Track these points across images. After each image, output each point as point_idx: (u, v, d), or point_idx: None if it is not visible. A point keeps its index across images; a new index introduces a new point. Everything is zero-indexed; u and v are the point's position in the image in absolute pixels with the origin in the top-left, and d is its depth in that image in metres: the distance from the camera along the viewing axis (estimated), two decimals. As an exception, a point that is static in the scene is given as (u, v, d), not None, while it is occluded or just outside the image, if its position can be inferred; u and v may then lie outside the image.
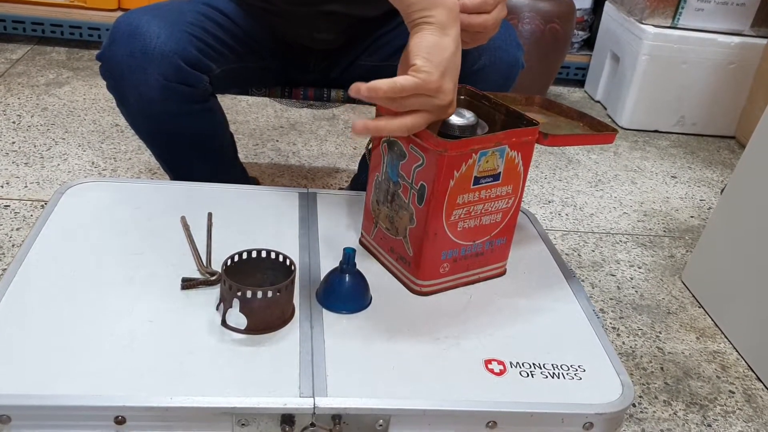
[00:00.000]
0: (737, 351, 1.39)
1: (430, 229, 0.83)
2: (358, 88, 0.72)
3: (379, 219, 0.91)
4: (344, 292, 0.82)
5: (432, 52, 0.72)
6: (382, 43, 1.22)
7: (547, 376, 0.77)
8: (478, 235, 0.87)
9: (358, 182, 1.50)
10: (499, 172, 0.82)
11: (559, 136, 0.86)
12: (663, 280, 1.61)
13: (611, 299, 1.50)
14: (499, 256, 0.91)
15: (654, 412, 1.20)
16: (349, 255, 0.82)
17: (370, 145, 0.89)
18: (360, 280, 0.84)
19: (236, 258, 0.80)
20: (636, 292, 1.54)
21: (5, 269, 0.85)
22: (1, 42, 2.50)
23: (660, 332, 1.42)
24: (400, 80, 0.72)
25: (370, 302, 0.85)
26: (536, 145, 0.85)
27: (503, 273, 0.93)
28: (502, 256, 0.92)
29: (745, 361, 1.36)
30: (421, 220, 0.83)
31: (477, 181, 0.81)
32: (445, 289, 0.89)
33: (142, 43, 0.98)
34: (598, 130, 0.90)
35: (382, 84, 0.72)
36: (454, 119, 0.82)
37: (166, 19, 1.01)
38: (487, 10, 0.82)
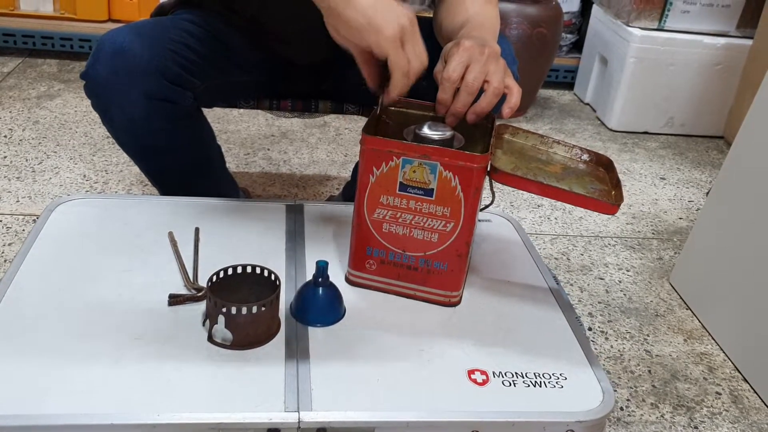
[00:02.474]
0: (724, 352, 1.40)
1: (354, 217, 0.87)
2: None
3: None
4: (316, 305, 0.84)
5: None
6: None
7: (529, 385, 0.78)
8: (409, 247, 0.87)
9: (351, 189, 1.51)
10: (432, 188, 0.82)
11: (510, 175, 0.82)
12: (651, 282, 1.62)
13: (600, 303, 1.52)
14: (442, 282, 0.89)
15: (641, 415, 1.22)
16: (322, 268, 0.83)
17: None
18: (332, 293, 0.85)
19: (221, 274, 0.81)
20: (624, 295, 1.56)
21: (-5, 288, 0.86)
22: (-8, 55, 2.51)
23: (648, 335, 1.43)
24: None
25: (344, 314, 0.86)
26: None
27: (454, 304, 0.91)
28: (449, 284, 0.89)
29: (732, 363, 1.37)
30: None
31: (404, 187, 0.83)
32: (373, 288, 0.91)
33: (124, 61, 0.99)
34: (601, 198, 0.85)
35: None
36: (428, 131, 0.84)
37: (149, 37, 1.02)
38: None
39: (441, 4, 1.11)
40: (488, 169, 0.83)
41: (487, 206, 0.95)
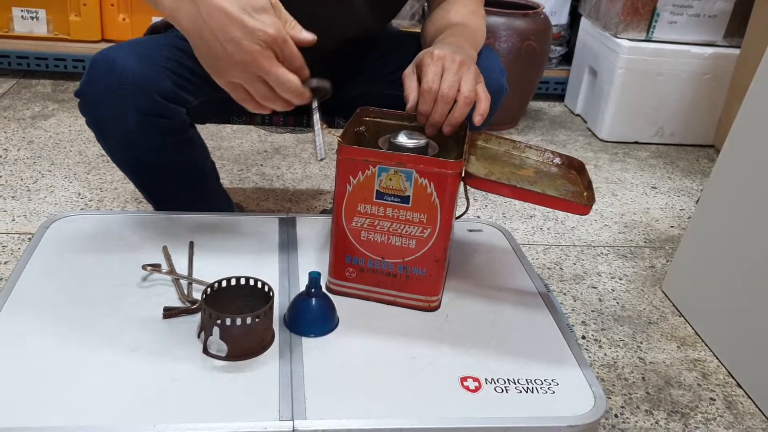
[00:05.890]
0: (717, 358, 1.41)
1: (332, 226, 0.89)
2: None
3: None
4: (310, 315, 0.85)
5: None
6: (365, 73, 1.25)
7: (521, 391, 0.79)
8: (387, 254, 0.89)
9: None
10: (408, 196, 0.84)
11: (483, 180, 0.85)
12: (644, 290, 1.63)
13: (593, 311, 1.53)
14: (421, 287, 0.90)
15: (636, 422, 1.22)
16: (315, 279, 0.84)
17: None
18: (325, 303, 0.86)
19: (216, 286, 0.82)
20: (617, 303, 1.57)
21: (-9, 305, 0.86)
22: (-14, 76, 2.52)
23: (641, 342, 1.44)
24: None
25: (337, 324, 0.87)
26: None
27: (434, 308, 0.92)
28: (427, 289, 0.91)
29: (726, 368, 1.38)
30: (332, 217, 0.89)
31: (380, 195, 0.85)
32: (354, 296, 0.92)
33: (118, 78, 1.00)
34: (573, 199, 0.87)
35: None
36: (403, 140, 0.86)
37: (142, 54, 1.03)
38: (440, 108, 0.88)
39: (428, 15, 1.13)
40: (462, 175, 0.85)
41: (462, 214, 0.96)
